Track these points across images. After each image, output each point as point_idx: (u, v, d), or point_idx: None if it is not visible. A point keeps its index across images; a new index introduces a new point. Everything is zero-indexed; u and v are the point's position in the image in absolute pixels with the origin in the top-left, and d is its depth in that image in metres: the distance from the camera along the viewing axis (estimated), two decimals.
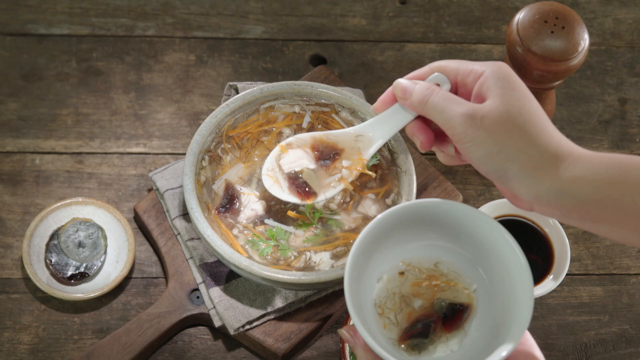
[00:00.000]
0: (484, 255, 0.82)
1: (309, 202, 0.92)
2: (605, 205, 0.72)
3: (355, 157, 0.92)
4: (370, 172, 0.94)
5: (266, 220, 0.97)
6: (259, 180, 1.00)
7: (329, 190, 0.93)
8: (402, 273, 0.84)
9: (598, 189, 0.72)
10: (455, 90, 0.83)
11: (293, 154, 0.93)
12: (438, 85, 0.83)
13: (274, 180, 0.93)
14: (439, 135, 0.86)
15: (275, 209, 0.98)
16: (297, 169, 0.93)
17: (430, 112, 0.81)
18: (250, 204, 0.98)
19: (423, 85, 0.82)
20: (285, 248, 0.96)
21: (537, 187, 0.75)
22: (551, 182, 0.74)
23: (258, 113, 1.04)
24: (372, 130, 0.92)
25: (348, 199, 0.99)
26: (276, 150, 0.95)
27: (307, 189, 0.92)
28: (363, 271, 0.81)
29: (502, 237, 0.79)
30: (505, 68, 0.79)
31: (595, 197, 0.72)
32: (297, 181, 0.93)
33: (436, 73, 0.84)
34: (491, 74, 0.78)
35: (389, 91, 0.88)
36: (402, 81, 0.85)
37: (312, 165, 0.93)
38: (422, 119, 0.86)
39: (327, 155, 0.93)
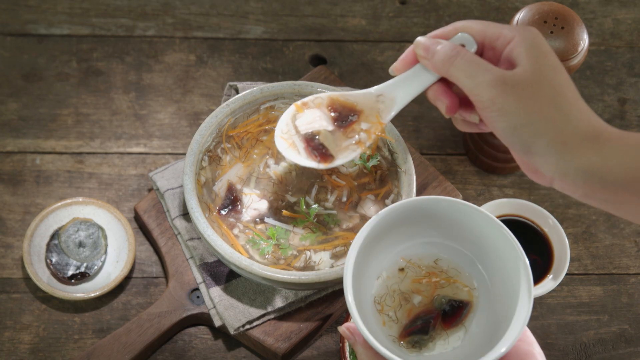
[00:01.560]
0: (484, 252, 0.82)
1: (326, 165, 0.85)
2: (636, 187, 0.69)
3: (374, 120, 0.85)
4: (390, 138, 0.87)
5: (266, 219, 0.98)
6: (258, 178, 1.00)
7: (347, 154, 0.86)
8: (401, 270, 0.84)
9: (630, 170, 0.69)
10: (480, 52, 0.78)
11: (309, 114, 0.86)
12: (463, 46, 0.77)
13: (288, 143, 0.86)
14: (462, 100, 0.80)
15: (276, 207, 0.98)
16: (314, 130, 0.86)
17: (455, 75, 0.75)
18: (253, 204, 0.98)
19: (447, 45, 0.76)
20: (285, 247, 0.96)
21: (564, 165, 0.71)
22: (580, 161, 0.70)
23: (258, 113, 1.04)
24: (394, 90, 0.85)
25: (345, 199, 0.99)
26: (291, 109, 0.88)
27: (324, 152, 0.85)
28: (362, 268, 0.81)
29: (500, 233, 0.79)
30: (536, 34, 0.74)
31: (626, 178, 0.69)
32: (313, 143, 0.85)
33: (461, 33, 0.78)
34: (523, 40, 0.73)
35: (409, 50, 0.81)
36: (424, 39, 0.78)
37: (330, 127, 0.86)
38: (444, 82, 0.81)
39: (344, 116, 0.86)
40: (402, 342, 0.80)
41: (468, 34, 0.77)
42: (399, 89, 0.84)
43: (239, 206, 0.98)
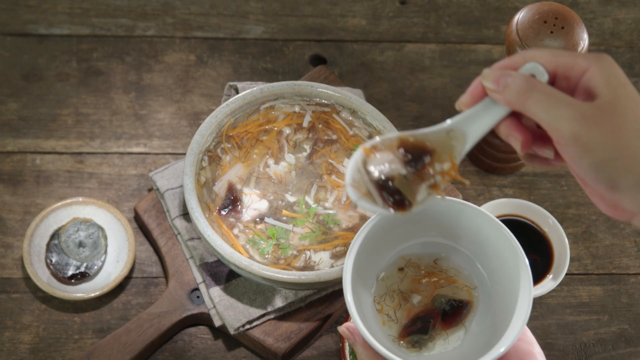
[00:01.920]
0: (483, 251, 0.82)
1: (404, 213, 0.77)
2: None
3: (447, 161, 0.77)
4: (463, 180, 0.78)
5: (266, 219, 0.98)
6: (258, 178, 1.00)
7: (423, 198, 0.77)
8: (401, 269, 0.84)
9: None
10: (552, 82, 0.72)
11: (381, 157, 0.77)
12: (533, 76, 0.72)
13: (362, 193, 0.76)
14: (534, 135, 0.74)
15: (276, 207, 0.98)
16: (388, 175, 0.77)
17: (532, 110, 0.69)
18: (253, 204, 0.98)
19: (519, 77, 0.70)
20: (285, 247, 0.96)
21: None
22: None
23: (258, 113, 1.04)
24: (464, 126, 0.77)
25: (345, 199, 0.99)
26: (359, 153, 0.77)
27: (399, 198, 0.77)
28: (362, 268, 0.81)
29: (500, 233, 0.79)
30: (612, 63, 0.70)
31: None
32: (388, 189, 0.77)
33: (532, 63, 0.72)
34: (600, 70, 0.69)
35: (477, 83, 0.74)
36: (492, 72, 0.72)
37: (403, 171, 0.77)
38: (515, 115, 0.74)
39: (417, 157, 0.78)
40: (401, 342, 0.81)
41: (538, 63, 0.72)
42: (470, 124, 0.76)
43: (239, 206, 0.98)
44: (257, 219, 0.98)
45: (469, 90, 0.74)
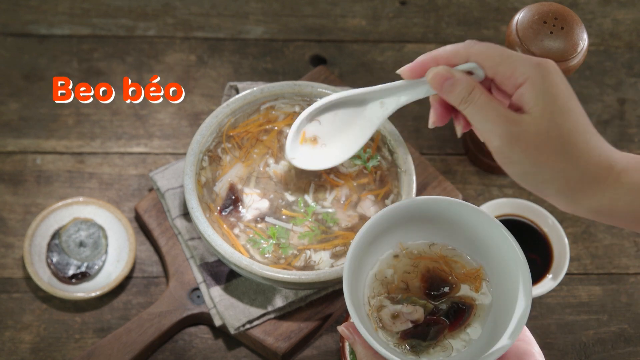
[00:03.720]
0: (483, 251, 0.82)
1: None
2: None
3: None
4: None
5: (267, 218, 0.98)
6: (258, 178, 1.00)
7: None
8: (396, 256, 0.84)
9: (638, 212, 0.73)
10: (488, 84, 0.79)
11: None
12: (471, 73, 0.77)
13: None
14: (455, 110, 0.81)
15: (276, 207, 0.99)
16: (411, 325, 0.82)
17: (469, 117, 0.76)
18: (254, 204, 0.98)
19: (464, 84, 0.76)
20: (285, 246, 0.96)
21: (574, 206, 0.74)
22: (590, 202, 0.74)
23: (259, 113, 1.04)
24: (398, 92, 0.87)
25: (344, 199, 0.99)
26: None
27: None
28: (362, 268, 0.81)
29: (500, 233, 0.79)
30: (548, 75, 0.73)
31: (636, 216, 0.73)
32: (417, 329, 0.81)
33: (473, 64, 0.77)
34: (532, 86, 0.73)
35: (420, 63, 0.81)
36: (440, 72, 0.78)
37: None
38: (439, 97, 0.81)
39: (437, 287, 0.83)
40: (401, 345, 0.80)
41: (480, 65, 0.77)
42: (404, 93, 0.87)
43: (240, 206, 0.98)
44: (258, 219, 0.98)
45: (410, 67, 0.81)
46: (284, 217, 0.98)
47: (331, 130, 0.94)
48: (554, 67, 0.74)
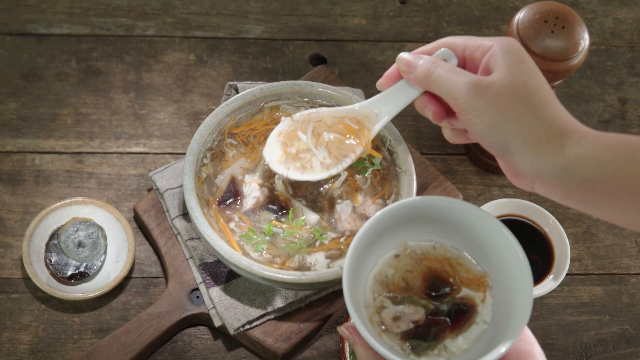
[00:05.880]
0: (484, 252, 0.82)
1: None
2: (610, 184, 0.70)
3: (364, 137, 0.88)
4: (376, 153, 0.95)
5: (265, 208, 0.97)
6: (262, 170, 1.00)
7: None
8: (397, 256, 0.83)
9: (604, 167, 0.70)
10: (463, 65, 0.82)
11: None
12: (445, 60, 0.81)
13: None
14: (448, 110, 0.84)
15: (274, 197, 0.98)
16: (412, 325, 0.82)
17: (435, 85, 0.79)
18: (253, 193, 0.98)
19: (428, 59, 0.81)
20: (281, 245, 0.96)
21: (539, 163, 0.73)
22: (555, 158, 0.72)
23: (262, 112, 1.04)
24: (378, 106, 0.90)
25: (344, 198, 0.99)
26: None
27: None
28: (362, 269, 0.81)
29: (501, 234, 0.79)
30: (514, 43, 0.77)
31: (601, 175, 0.70)
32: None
33: (443, 49, 0.82)
34: (499, 48, 0.77)
35: (394, 67, 0.86)
36: (405, 55, 0.83)
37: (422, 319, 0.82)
38: (430, 93, 0.84)
39: (437, 287, 0.84)
40: (403, 345, 0.80)
41: (450, 48, 0.81)
42: (385, 105, 0.89)
43: (239, 199, 0.98)
44: (258, 212, 0.97)
45: (386, 73, 0.86)
46: (282, 206, 0.97)
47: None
48: (517, 41, 0.78)
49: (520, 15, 1.01)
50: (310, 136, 0.92)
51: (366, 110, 0.90)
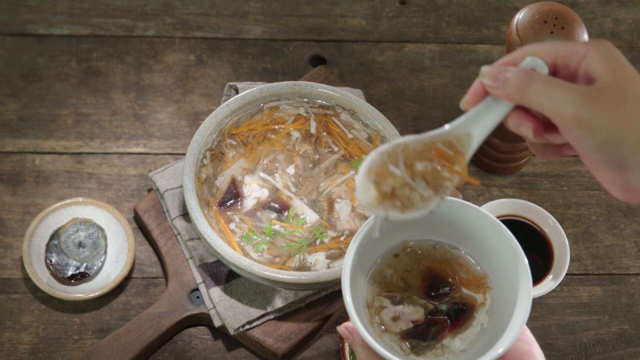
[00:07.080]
0: (483, 252, 0.82)
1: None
2: None
3: (457, 163, 0.76)
4: (474, 180, 0.77)
5: (266, 208, 0.97)
6: (264, 165, 1.00)
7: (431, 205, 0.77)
8: (396, 256, 0.83)
9: None
10: (553, 74, 0.73)
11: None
12: (534, 70, 0.72)
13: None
14: (545, 123, 0.74)
15: (275, 196, 0.98)
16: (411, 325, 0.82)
17: (533, 100, 0.70)
18: (253, 193, 0.98)
19: (518, 70, 0.71)
20: (282, 246, 0.96)
21: None
22: None
23: (262, 113, 1.04)
24: (470, 127, 0.77)
25: (342, 197, 0.99)
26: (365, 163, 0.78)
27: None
28: (361, 269, 0.81)
29: (500, 234, 0.79)
30: (609, 46, 0.70)
31: None
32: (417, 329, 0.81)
33: (529, 57, 0.72)
34: (597, 54, 0.69)
35: (478, 82, 0.75)
36: (489, 69, 0.72)
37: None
38: (521, 108, 0.74)
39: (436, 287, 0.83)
40: (401, 343, 0.80)
41: (537, 57, 0.72)
42: (474, 125, 0.76)
43: (240, 200, 0.98)
44: (258, 212, 0.98)
45: (471, 89, 0.75)
46: (283, 204, 0.98)
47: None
48: (612, 44, 0.71)
49: (519, 16, 1.01)
50: (403, 169, 0.77)
51: (458, 131, 0.77)
